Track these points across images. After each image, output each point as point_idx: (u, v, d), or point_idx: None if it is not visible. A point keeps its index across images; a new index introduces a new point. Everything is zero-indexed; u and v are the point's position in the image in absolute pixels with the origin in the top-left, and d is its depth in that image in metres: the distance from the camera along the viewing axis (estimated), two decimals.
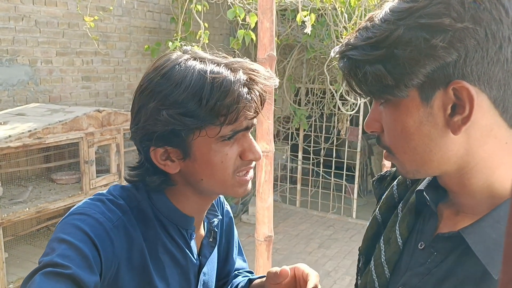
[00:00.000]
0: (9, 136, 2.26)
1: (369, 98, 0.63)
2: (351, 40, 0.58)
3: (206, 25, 3.47)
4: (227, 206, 1.00)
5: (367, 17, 0.59)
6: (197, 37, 3.45)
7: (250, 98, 0.72)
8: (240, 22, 3.48)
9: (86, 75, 3.50)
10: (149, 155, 0.75)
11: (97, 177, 2.79)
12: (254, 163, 0.79)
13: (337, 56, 0.61)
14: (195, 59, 0.74)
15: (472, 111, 0.52)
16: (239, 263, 1.04)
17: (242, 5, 3.55)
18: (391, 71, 0.54)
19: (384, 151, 0.63)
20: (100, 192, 0.78)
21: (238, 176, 0.77)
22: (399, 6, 0.54)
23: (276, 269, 0.81)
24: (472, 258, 0.55)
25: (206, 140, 0.72)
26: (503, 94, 0.53)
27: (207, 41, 3.35)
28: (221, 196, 0.98)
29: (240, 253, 1.05)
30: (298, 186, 5.33)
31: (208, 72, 0.70)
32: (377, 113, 0.61)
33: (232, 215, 1.01)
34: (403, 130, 0.57)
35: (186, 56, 0.74)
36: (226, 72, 0.71)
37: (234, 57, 0.78)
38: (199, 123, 0.70)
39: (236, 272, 1.03)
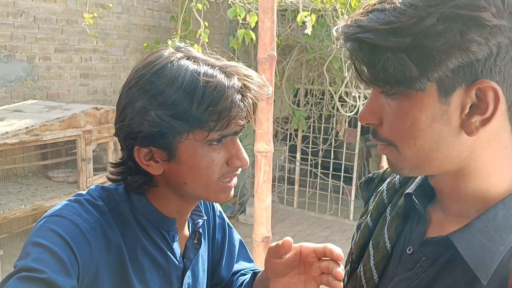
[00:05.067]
0: (6, 132, 2.24)
1: (372, 86, 0.57)
2: (364, 21, 0.51)
3: (206, 24, 3.45)
4: (219, 207, 0.97)
5: None
6: (197, 36, 3.44)
7: (243, 105, 0.69)
8: (240, 21, 3.47)
9: (84, 73, 3.48)
10: (132, 154, 0.72)
11: (94, 175, 2.77)
12: (240, 169, 0.76)
13: (342, 36, 0.54)
14: (188, 58, 0.71)
15: (495, 113, 0.49)
16: (242, 265, 0.99)
17: (242, 4, 3.54)
18: (416, 62, 0.49)
19: (380, 144, 0.59)
20: (79, 192, 0.76)
21: (223, 183, 0.74)
22: None
23: (277, 242, 0.76)
24: (461, 263, 0.54)
25: (193, 144, 0.69)
26: None
27: (207, 40, 3.34)
28: None
29: (244, 254, 1.00)
30: (296, 187, 5.32)
31: (201, 74, 0.67)
32: (376, 104, 0.57)
33: (225, 215, 0.98)
34: (412, 125, 0.53)
35: (179, 55, 0.71)
36: (220, 76, 0.68)
37: (231, 56, 0.76)
38: (188, 127, 0.67)
39: (242, 271, 0.99)
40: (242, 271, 0.98)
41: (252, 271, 0.97)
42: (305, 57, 4.67)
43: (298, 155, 5.27)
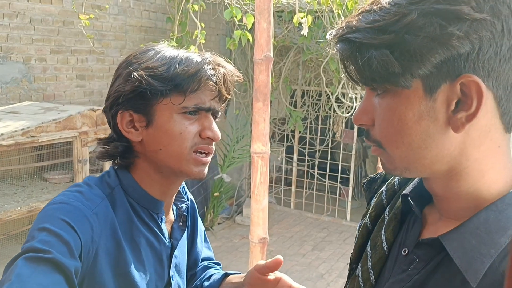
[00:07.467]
0: (2, 134, 2.23)
1: (364, 87, 0.58)
2: (353, 23, 0.53)
3: (203, 25, 3.45)
4: (190, 196, 1.03)
5: (371, 0, 0.54)
6: (193, 37, 3.44)
7: (212, 73, 0.81)
8: (237, 22, 3.47)
9: (80, 74, 3.47)
10: (116, 121, 0.82)
11: None
12: (213, 146, 0.85)
13: (334, 39, 0.55)
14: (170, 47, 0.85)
15: (480, 108, 0.49)
16: (205, 252, 1.07)
17: (239, 5, 3.54)
18: (399, 57, 0.50)
19: (373, 145, 0.59)
20: (76, 183, 0.82)
21: (195, 154, 0.82)
22: None
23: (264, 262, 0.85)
24: (452, 265, 0.53)
25: (170, 109, 0.80)
26: (508, 95, 0.51)
27: (203, 41, 3.34)
28: (185, 186, 1.01)
29: (206, 242, 1.09)
30: (293, 188, 5.32)
31: (179, 53, 0.83)
32: (369, 105, 0.57)
33: (195, 204, 1.05)
34: (399, 123, 0.53)
35: (162, 45, 0.86)
36: (194, 54, 0.83)
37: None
38: (164, 86, 0.78)
39: (206, 263, 1.07)
40: (206, 264, 1.07)
41: (218, 270, 1.05)
42: (302, 58, 4.68)
43: (295, 156, 5.27)
